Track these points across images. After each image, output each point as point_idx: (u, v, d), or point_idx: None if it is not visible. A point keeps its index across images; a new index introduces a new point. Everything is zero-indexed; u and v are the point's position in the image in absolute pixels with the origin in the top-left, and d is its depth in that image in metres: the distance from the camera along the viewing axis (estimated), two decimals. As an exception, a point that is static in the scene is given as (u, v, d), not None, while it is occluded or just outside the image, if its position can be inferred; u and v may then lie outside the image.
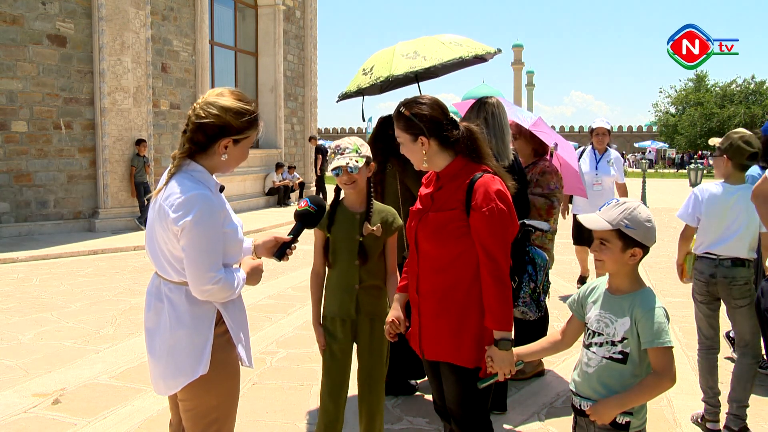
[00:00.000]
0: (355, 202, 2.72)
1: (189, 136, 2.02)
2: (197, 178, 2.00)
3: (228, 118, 1.99)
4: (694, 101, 42.28)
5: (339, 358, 2.74)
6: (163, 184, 2.02)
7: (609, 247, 2.01)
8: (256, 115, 2.07)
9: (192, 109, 2.03)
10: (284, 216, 13.63)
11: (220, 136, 2.00)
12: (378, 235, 2.67)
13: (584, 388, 2.06)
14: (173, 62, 12.71)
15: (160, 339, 2.05)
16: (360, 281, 2.69)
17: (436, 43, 3.87)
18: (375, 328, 2.69)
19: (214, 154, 2.03)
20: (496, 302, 2.16)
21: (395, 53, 3.88)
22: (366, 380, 2.77)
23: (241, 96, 2.05)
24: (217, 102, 2.00)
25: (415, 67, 3.71)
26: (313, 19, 18.19)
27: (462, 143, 2.28)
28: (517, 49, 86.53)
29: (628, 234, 1.97)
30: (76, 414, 3.66)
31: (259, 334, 5.19)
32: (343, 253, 2.70)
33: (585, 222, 2.05)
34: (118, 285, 7.13)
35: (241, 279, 2.08)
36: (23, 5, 10.05)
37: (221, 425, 2.11)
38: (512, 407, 3.75)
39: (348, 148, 2.62)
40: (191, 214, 1.90)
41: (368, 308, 2.72)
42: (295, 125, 17.85)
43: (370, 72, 3.91)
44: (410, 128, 2.27)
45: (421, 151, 2.27)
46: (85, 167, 11.01)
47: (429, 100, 2.31)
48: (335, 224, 2.72)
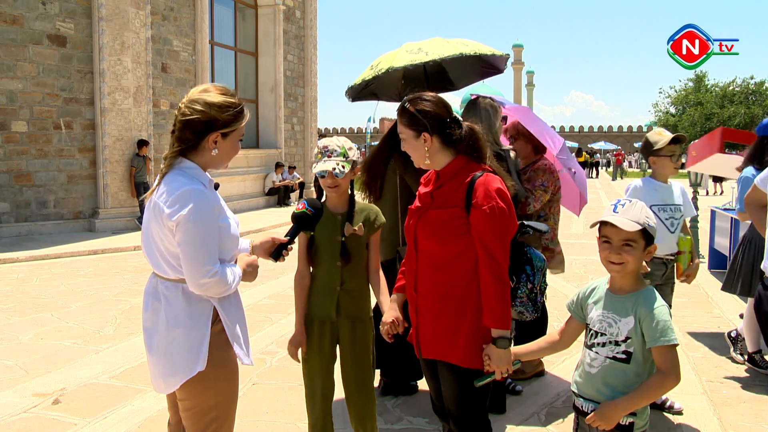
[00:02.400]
0: (338, 203, 2.67)
1: (177, 135, 2.05)
2: (190, 175, 2.03)
3: (213, 112, 2.02)
4: (693, 101, 42.25)
5: (319, 361, 2.67)
6: (156, 183, 2.04)
7: (634, 247, 1.99)
8: (241, 107, 2.10)
9: (177, 108, 2.06)
10: (284, 216, 13.62)
11: (207, 131, 2.03)
12: (360, 234, 2.63)
13: (587, 389, 2.06)
14: (173, 62, 12.71)
15: (158, 337, 2.06)
16: (342, 283, 2.64)
17: (441, 42, 3.93)
18: (356, 330, 2.65)
19: (205, 150, 2.06)
20: (495, 300, 2.16)
21: (400, 49, 3.97)
22: (351, 383, 2.70)
23: (224, 90, 2.09)
24: (201, 98, 2.03)
25: (415, 60, 3.75)
26: (313, 19, 18.19)
27: (464, 142, 2.29)
28: (517, 49, 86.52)
29: (649, 231, 1.98)
30: (76, 414, 3.66)
31: (259, 334, 5.18)
32: (325, 255, 2.65)
33: (620, 224, 1.96)
34: (118, 285, 7.13)
35: (237, 274, 2.08)
36: (23, 5, 10.05)
37: (221, 424, 2.11)
38: (512, 407, 3.74)
39: (336, 150, 2.58)
40: (185, 208, 1.93)
41: (349, 310, 2.65)
42: (295, 125, 17.85)
43: (377, 66, 3.97)
44: (414, 124, 2.27)
45: (423, 148, 2.27)
46: (85, 167, 11.01)
47: (433, 97, 2.31)
48: (318, 226, 2.66)
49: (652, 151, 3.60)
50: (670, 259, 3.64)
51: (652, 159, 3.62)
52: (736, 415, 3.67)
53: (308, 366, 2.70)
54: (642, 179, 3.72)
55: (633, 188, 3.68)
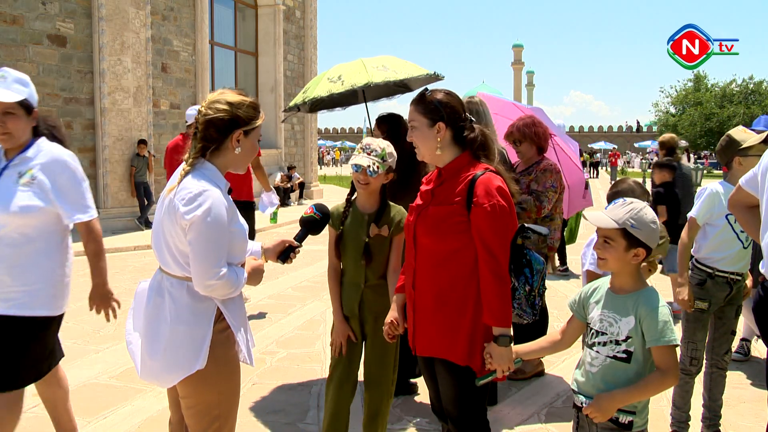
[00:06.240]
0: (366, 202, 2.79)
1: (201, 135, 2.09)
2: (209, 177, 2.06)
3: (235, 110, 2.09)
4: (693, 101, 42.24)
5: (347, 352, 2.79)
6: (176, 182, 2.06)
7: (613, 245, 2.02)
8: (257, 103, 2.18)
9: (198, 112, 2.12)
10: (284, 216, 13.60)
11: (231, 129, 2.09)
12: (385, 236, 2.73)
13: (587, 387, 2.06)
14: (173, 62, 12.71)
15: (159, 333, 2.08)
16: (366, 280, 2.76)
17: (359, 67, 4.26)
18: (379, 326, 2.71)
19: (227, 149, 2.11)
20: (496, 298, 2.16)
21: (323, 78, 4.40)
22: (369, 377, 2.81)
23: (240, 91, 2.17)
24: (222, 98, 2.10)
25: (332, 90, 4.14)
26: (313, 19, 18.19)
27: (475, 142, 2.30)
28: (517, 49, 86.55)
29: (633, 234, 1.98)
30: (76, 414, 3.62)
31: (259, 334, 5.19)
32: (351, 252, 2.78)
33: (591, 220, 2.06)
34: (118, 285, 7.12)
35: (243, 277, 2.12)
36: (23, 5, 10.05)
37: (223, 422, 2.14)
38: (512, 407, 3.75)
39: (376, 150, 2.69)
40: (200, 209, 1.96)
41: (373, 306, 2.77)
42: (295, 125, 17.84)
43: (306, 92, 4.45)
44: (431, 112, 2.29)
45: (435, 138, 2.28)
46: (85, 167, 10.73)
47: (453, 93, 2.36)
48: (346, 222, 2.80)
49: (738, 150, 3.11)
50: (737, 279, 3.20)
51: (738, 160, 3.12)
52: (736, 415, 3.67)
53: (334, 358, 2.81)
54: (721, 183, 3.21)
55: (709, 194, 3.18)
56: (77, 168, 2.73)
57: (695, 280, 3.23)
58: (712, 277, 3.19)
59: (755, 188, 2.52)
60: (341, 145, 56.58)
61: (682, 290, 3.19)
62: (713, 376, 3.29)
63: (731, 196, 2.72)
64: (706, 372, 3.32)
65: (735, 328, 3.35)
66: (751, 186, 2.54)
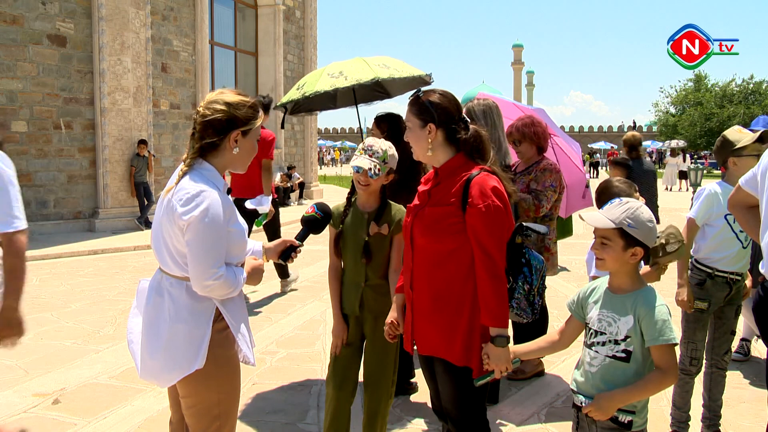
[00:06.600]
0: (366, 202, 2.79)
1: (198, 135, 2.09)
2: (207, 177, 2.06)
3: (233, 110, 2.08)
4: (693, 101, 42.23)
5: (346, 352, 2.80)
6: (174, 182, 2.06)
7: (610, 245, 2.02)
8: (257, 104, 2.17)
9: (196, 113, 2.12)
10: (284, 216, 13.58)
11: (229, 129, 2.09)
12: (385, 234, 2.74)
13: (587, 387, 2.06)
14: (173, 62, 12.71)
15: (158, 332, 2.08)
16: (366, 279, 2.76)
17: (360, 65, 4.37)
18: (379, 325, 2.71)
19: (225, 149, 2.11)
20: (493, 299, 2.16)
21: (323, 72, 4.50)
22: (369, 377, 2.81)
23: (239, 92, 2.16)
24: (220, 98, 2.10)
25: (335, 85, 4.21)
26: (313, 19, 18.18)
27: (468, 143, 2.30)
28: (517, 49, 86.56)
29: (630, 233, 1.98)
30: (76, 414, 3.66)
31: (259, 334, 5.19)
32: (351, 251, 2.78)
33: (588, 220, 2.07)
34: (118, 285, 7.13)
35: (242, 278, 2.11)
36: (23, 5, 10.04)
37: (224, 422, 2.14)
38: (512, 407, 3.75)
39: (377, 153, 2.70)
40: (198, 209, 1.96)
41: (373, 305, 2.77)
42: (295, 125, 17.84)
43: (302, 88, 4.54)
44: (422, 113, 2.30)
45: (426, 139, 2.29)
46: (85, 167, 11.01)
47: (447, 94, 2.36)
48: (346, 221, 2.81)
49: (732, 151, 3.08)
50: (736, 279, 3.20)
51: (732, 160, 3.09)
52: (736, 415, 3.67)
53: (334, 358, 2.81)
54: (719, 183, 3.19)
55: (708, 194, 3.17)
56: (4, 171, 2.39)
57: (695, 281, 3.23)
58: (711, 277, 3.19)
59: (755, 188, 2.52)
60: (341, 145, 56.60)
61: (682, 291, 3.20)
62: (713, 376, 3.29)
63: (731, 196, 2.72)
64: (706, 372, 3.32)
65: (735, 328, 3.35)
66: (750, 186, 2.54)
